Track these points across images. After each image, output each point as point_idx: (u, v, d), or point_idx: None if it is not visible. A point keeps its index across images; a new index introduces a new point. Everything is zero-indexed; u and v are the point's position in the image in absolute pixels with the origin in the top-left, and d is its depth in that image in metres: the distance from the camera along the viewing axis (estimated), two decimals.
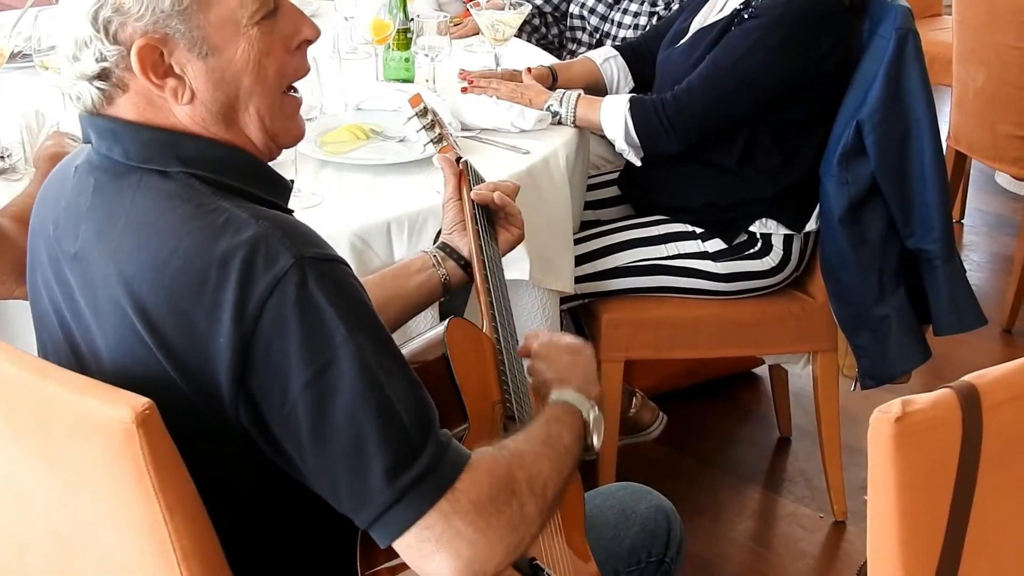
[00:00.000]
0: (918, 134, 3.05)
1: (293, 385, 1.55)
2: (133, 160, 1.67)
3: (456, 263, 2.29)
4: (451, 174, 2.36)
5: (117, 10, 1.63)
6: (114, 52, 1.64)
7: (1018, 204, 4.85)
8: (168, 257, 1.58)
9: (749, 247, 3.22)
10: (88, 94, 1.68)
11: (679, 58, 3.21)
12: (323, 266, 1.60)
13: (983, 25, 4.42)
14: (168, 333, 1.58)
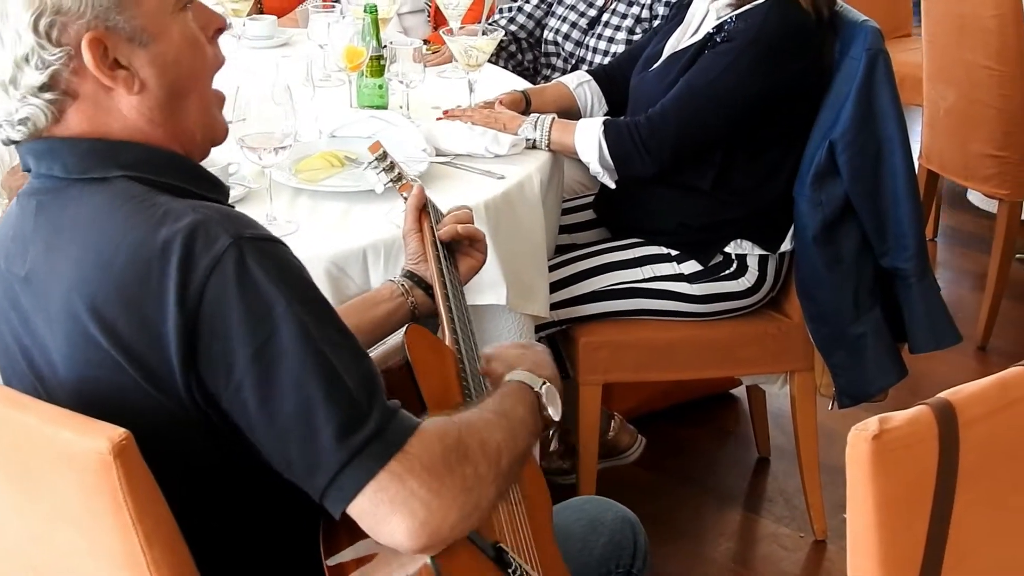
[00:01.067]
0: (890, 153, 3.06)
1: (238, 361, 1.58)
2: (73, 173, 1.70)
3: (424, 292, 2.32)
4: (412, 207, 2.39)
5: (57, 12, 1.65)
6: (60, 54, 1.66)
7: (990, 221, 4.86)
8: (113, 254, 1.61)
9: (725, 268, 3.23)
10: (39, 111, 1.69)
11: (652, 81, 3.22)
12: (261, 244, 1.63)
13: (952, 45, 4.45)
14: (121, 329, 1.60)
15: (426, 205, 2.39)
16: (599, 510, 2.32)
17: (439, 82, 3.66)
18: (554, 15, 3.97)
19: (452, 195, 2.88)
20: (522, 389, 1.87)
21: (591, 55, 3.82)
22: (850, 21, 3.12)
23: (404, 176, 2.49)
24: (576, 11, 3.91)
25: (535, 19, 4.05)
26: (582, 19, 3.89)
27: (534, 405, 1.86)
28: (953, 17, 4.42)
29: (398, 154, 3.00)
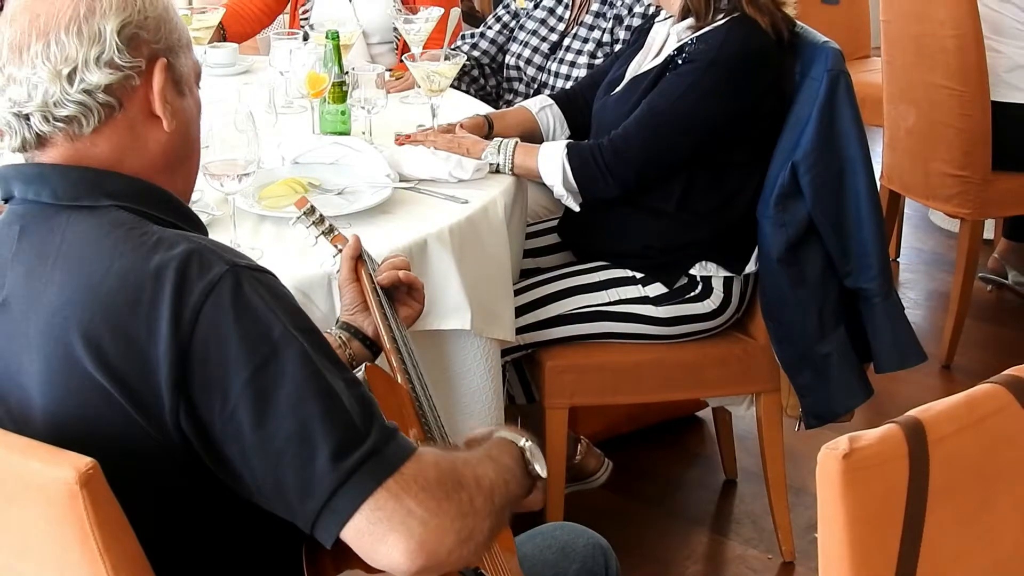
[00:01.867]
0: (853, 174, 3.08)
1: (234, 384, 1.58)
2: (62, 200, 1.71)
3: (361, 343, 2.32)
4: (347, 256, 2.39)
5: (142, 27, 1.72)
6: (134, 64, 1.72)
7: (953, 241, 4.89)
8: (102, 277, 1.62)
9: (690, 290, 3.23)
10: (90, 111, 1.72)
11: (615, 105, 3.23)
12: (256, 273, 1.65)
13: (912, 65, 4.48)
14: (107, 351, 1.59)
15: (362, 255, 2.40)
16: (570, 537, 2.32)
17: (402, 108, 3.66)
18: (516, 40, 3.98)
19: (416, 220, 2.89)
20: (507, 443, 1.87)
21: (553, 79, 3.83)
22: (810, 43, 3.13)
23: (334, 228, 2.49)
24: (538, 36, 3.92)
25: (497, 44, 4.06)
26: (544, 44, 3.90)
27: (519, 458, 1.85)
28: (912, 38, 4.45)
29: (361, 180, 3.02)
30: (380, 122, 3.42)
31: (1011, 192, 4.40)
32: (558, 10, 3.94)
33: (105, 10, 1.70)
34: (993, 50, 4.30)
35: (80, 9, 1.70)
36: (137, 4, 1.73)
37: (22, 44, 1.70)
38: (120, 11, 1.70)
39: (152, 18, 1.74)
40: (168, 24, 1.77)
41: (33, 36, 1.70)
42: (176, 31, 1.79)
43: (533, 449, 1.87)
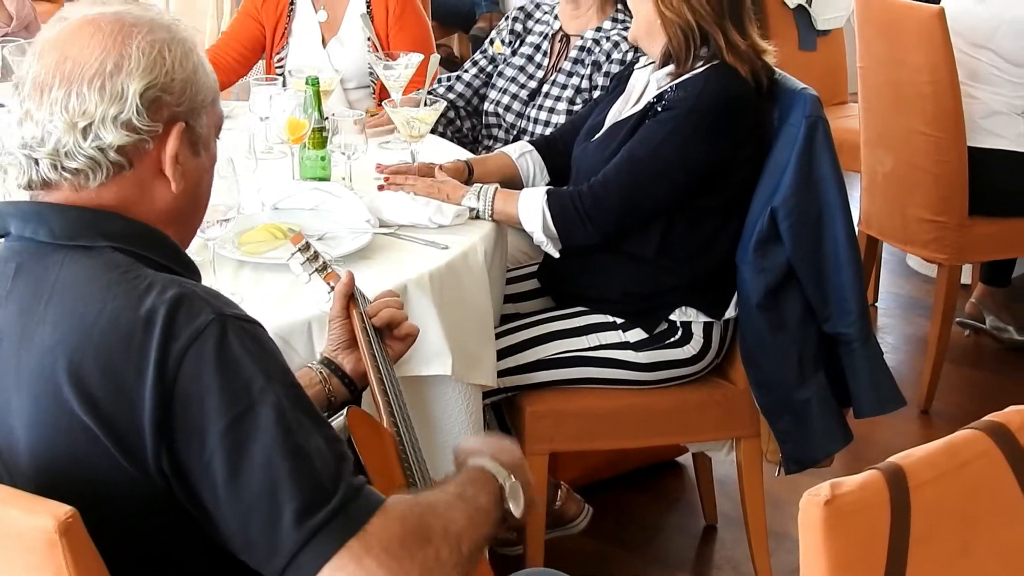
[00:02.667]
0: (831, 220, 3.09)
1: (211, 433, 1.59)
2: (59, 238, 1.72)
3: (340, 381, 2.33)
4: (339, 293, 2.39)
5: (166, 90, 1.72)
6: (151, 128, 1.72)
7: (930, 286, 4.90)
8: (95, 319, 1.63)
9: (670, 336, 3.23)
10: (99, 168, 1.72)
11: (595, 151, 3.24)
12: (243, 324, 1.67)
13: (889, 111, 4.50)
14: (96, 392, 1.60)
15: (354, 293, 2.40)
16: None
17: (381, 153, 3.66)
18: (494, 87, 3.99)
19: (396, 266, 2.89)
20: (487, 478, 1.87)
21: (532, 126, 3.84)
22: (789, 89, 3.15)
23: (328, 265, 2.49)
24: (516, 83, 3.93)
25: (473, 88, 4.07)
26: (523, 91, 3.91)
27: (497, 497, 1.86)
28: (890, 84, 4.48)
29: (341, 226, 3.02)
30: (360, 168, 3.42)
31: (988, 237, 4.42)
32: (536, 57, 3.95)
33: (132, 69, 1.70)
34: (969, 96, 4.33)
35: (108, 64, 1.70)
36: (166, 66, 1.73)
37: (45, 85, 1.71)
38: (147, 72, 1.71)
39: (179, 80, 1.74)
40: (194, 86, 1.77)
41: (57, 80, 1.70)
42: (201, 92, 1.79)
43: (514, 487, 1.88)
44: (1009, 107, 4.40)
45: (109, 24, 1.74)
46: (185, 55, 1.77)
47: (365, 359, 2.27)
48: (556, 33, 3.94)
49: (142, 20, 1.77)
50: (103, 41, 1.72)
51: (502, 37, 4.06)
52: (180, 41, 1.78)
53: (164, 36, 1.76)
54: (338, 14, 4.28)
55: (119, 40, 1.72)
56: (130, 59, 1.71)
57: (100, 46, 1.72)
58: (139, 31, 1.74)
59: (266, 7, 4.32)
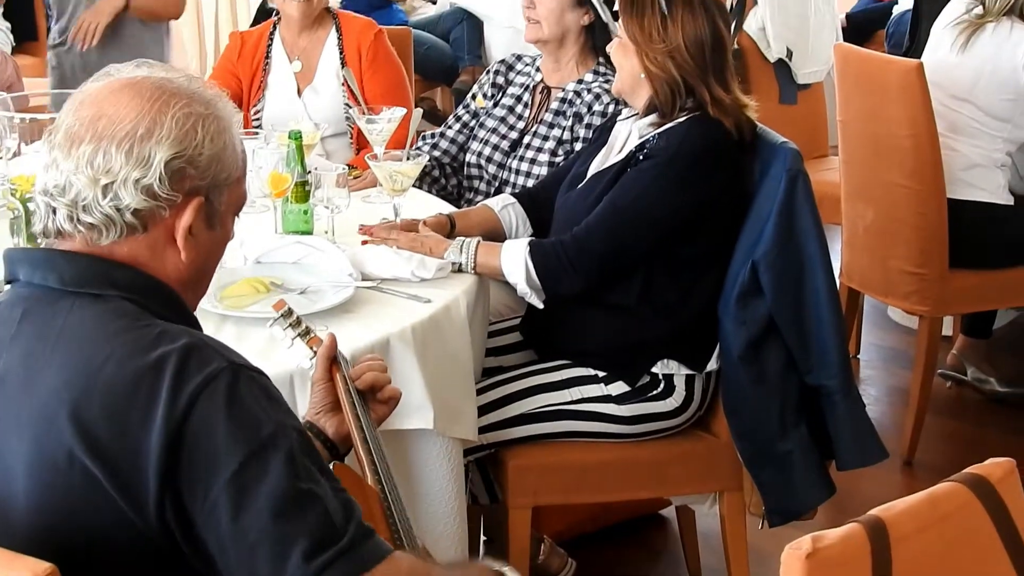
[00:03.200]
0: (812, 272, 3.10)
1: (219, 477, 1.60)
2: (68, 285, 1.73)
3: (323, 444, 2.32)
4: (322, 356, 2.39)
5: (192, 163, 1.74)
6: (170, 197, 1.74)
7: (912, 338, 4.92)
8: (102, 363, 1.64)
9: (652, 389, 3.23)
10: (114, 227, 1.75)
11: (577, 201, 3.26)
12: (253, 374, 1.69)
13: (869, 164, 4.53)
14: (100, 436, 1.61)
15: (336, 356, 2.40)
16: None
17: (364, 207, 3.66)
18: (476, 138, 4.01)
19: (379, 320, 2.88)
20: (487, 570, 1.88)
21: (514, 177, 3.85)
22: (769, 143, 3.17)
23: (311, 330, 2.49)
24: (497, 134, 3.95)
25: (457, 144, 4.08)
26: (504, 142, 3.93)
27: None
28: (869, 137, 4.51)
29: (324, 279, 3.02)
30: (342, 221, 3.43)
31: (969, 289, 4.44)
32: (518, 108, 3.97)
33: (163, 137, 1.72)
34: (949, 148, 4.35)
35: (139, 128, 1.72)
36: (196, 139, 1.75)
37: (75, 137, 1.73)
38: (177, 143, 1.73)
39: (206, 156, 1.76)
40: (220, 163, 1.79)
41: (88, 135, 1.72)
42: (227, 169, 1.81)
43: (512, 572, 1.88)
44: (988, 159, 4.43)
45: (150, 89, 1.77)
46: (218, 132, 1.79)
47: (348, 420, 2.27)
48: (537, 85, 3.96)
49: (183, 91, 1.79)
50: (141, 105, 1.75)
51: (484, 91, 4.09)
52: (216, 118, 1.80)
53: (200, 110, 1.78)
54: (312, 63, 4.34)
55: (156, 107, 1.75)
56: (162, 127, 1.73)
57: (137, 109, 1.74)
58: (178, 101, 1.77)
59: (242, 61, 4.36)
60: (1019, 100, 4.38)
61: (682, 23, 3.12)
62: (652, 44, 3.14)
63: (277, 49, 4.36)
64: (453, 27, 7.41)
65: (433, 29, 7.42)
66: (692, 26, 3.12)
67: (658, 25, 3.13)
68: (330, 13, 4.35)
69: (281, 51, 4.35)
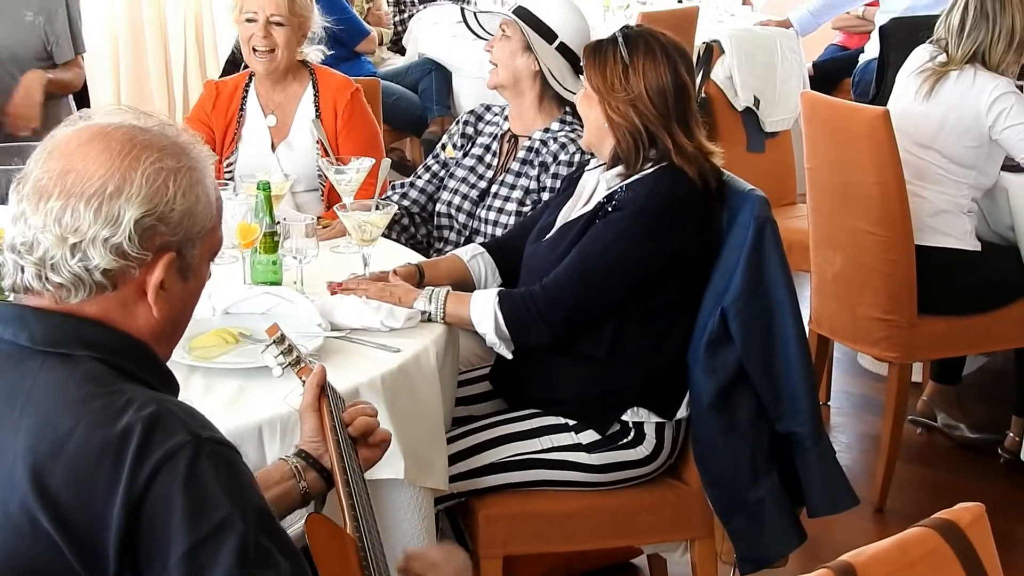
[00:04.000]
0: (781, 319, 3.11)
1: (172, 554, 1.58)
2: (39, 344, 1.71)
3: (318, 474, 2.29)
4: (312, 384, 2.38)
5: (162, 220, 1.71)
6: (140, 256, 1.72)
7: (881, 384, 4.93)
8: (70, 431, 1.62)
9: (622, 437, 3.23)
10: (82, 286, 1.72)
11: (546, 252, 3.26)
12: (216, 447, 1.66)
13: (837, 212, 4.55)
14: (63, 504, 1.59)
15: (325, 388, 2.38)
16: None
17: (333, 257, 3.66)
18: (446, 188, 4.02)
19: (348, 370, 2.88)
20: None
21: (483, 226, 3.86)
22: (737, 190, 3.18)
23: (303, 359, 2.48)
24: (467, 183, 3.96)
25: (427, 194, 4.09)
26: (473, 191, 3.94)
27: None
28: (837, 185, 4.53)
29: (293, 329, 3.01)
30: (311, 271, 3.42)
31: (938, 335, 4.45)
32: (486, 158, 3.98)
33: (132, 195, 1.69)
34: (916, 195, 4.38)
35: (109, 185, 1.69)
36: (167, 195, 1.72)
37: (44, 191, 1.70)
38: (147, 201, 1.70)
39: (178, 211, 1.73)
40: (192, 217, 1.76)
41: (56, 190, 1.69)
42: (200, 222, 1.77)
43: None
44: (955, 206, 4.46)
45: (120, 142, 1.73)
46: (191, 186, 1.76)
47: (332, 460, 2.24)
48: (505, 134, 3.98)
49: (155, 143, 1.76)
50: (111, 160, 1.71)
51: (453, 141, 4.10)
52: (189, 169, 1.77)
53: (172, 164, 1.75)
54: (287, 118, 4.30)
55: (126, 162, 1.72)
56: (132, 184, 1.70)
57: (106, 165, 1.71)
58: (149, 156, 1.73)
59: (216, 112, 4.33)
60: (983, 147, 4.42)
61: (643, 71, 3.14)
62: (614, 93, 3.16)
63: (252, 102, 4.32)
64: (422, 78, 7.42)
65: (402, 80, 7.44)
66: (654, 74, 3.14)
67: (620, 74, 3.15)
68: (307, 67, 4.32)
69: (256, 104, 4.31)
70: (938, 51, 4.51)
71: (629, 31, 3.24)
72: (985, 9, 4.41)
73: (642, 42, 3.18)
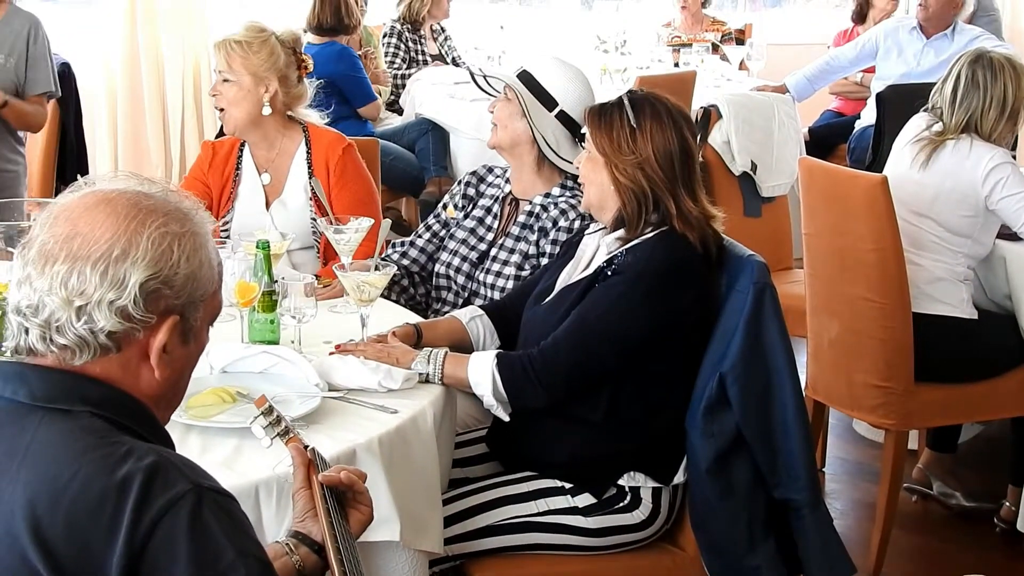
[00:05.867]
0: (780, 385, 3.11)
1: None
2: (39, 400, 1.73)
3: (309, 549, 2.29)
4: (300, 463, 2.37)
5: (167, 283, 1.74)
6: (145, 319, 1.74)
7: (877, 451, 4.91)
8: (68, 482, 1.63)
9: (619, 501, 3.22)
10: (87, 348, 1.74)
11: (544, 315, 3.26)
12: (218, 497, 1.67)
13: (834, 278, 4.55)
14: (61, 554, 1.61)
15: (313, 460, 2.38)
16: None
17: (331, 317, 3.66)
18: (446, 249, 4.02)
19: (345, 430, 2.87)
20: None
21: (482, 288, 3.86)
22: (736, 256, 3.19)
23: (291, 430, 2.47)
24: (467, 245, 3.96)
25: (427, 253, 4.09)
26: (472, 253, 3.94)
27: None
28: (834, 251, 4.54)
29: (290, 389, 3.01)
30: (309, 331, 3.42)
31: (934, 403, 4.45)
32: (487, 220, 3.99)
33: (138, 258, 1.72)
34: (913, 263, 4.38)
35: (115, 249, 1.71)
36: (172, 259, 1.75)
37: (49, 255, 1.72)
38: (152, 264, 1.72)
39: (182, 275, 1.76)
40: (196, 281, 1.79)
41: (62, 254, 1.72)
42: (203, 286, 1.81)
43: None
44: (951, 274, 4.47)
45: (126, 207, 1.76)
46: (195, 250, 1.79)
47: (323, 528, 2.24)
48: (507, 196, 3.98)
49: (159, 208, 1.79)
50: (116, 224, 1.74)
51: (455, 202, 4.10)
52: (193, 234, 1.80)
53: (176, 229, 1.78)
54: (281, 176, 4.30)
55: (132, 226, 1.74)
56: (138, 248, 1.73)
57: (112, 229, 1.74)
58: (154, 220, 1.76)
59: (213, 172, 4.33)
60: (979, 216, 4.43)
61: (651, 135, 3.16)
62: (622, 156, 3.17)
63: (247, 161, 4.33)
64: (419, 138, 7.43)
65: (399, 140, 7.45)
66: (661, 137, 3.16)
67: (627, 137, 3.17)
68: (300, 125, 4.33)
69: (251, 163, 4.32)
70: (934, 120, 4.54)
71: (634, 95, 3.26)
72: (976, 79, 4.45)
73: (648, 106, 3.20)
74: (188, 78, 7.92)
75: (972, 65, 4.48)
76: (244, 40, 4.15)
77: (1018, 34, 9.24)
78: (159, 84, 7.84)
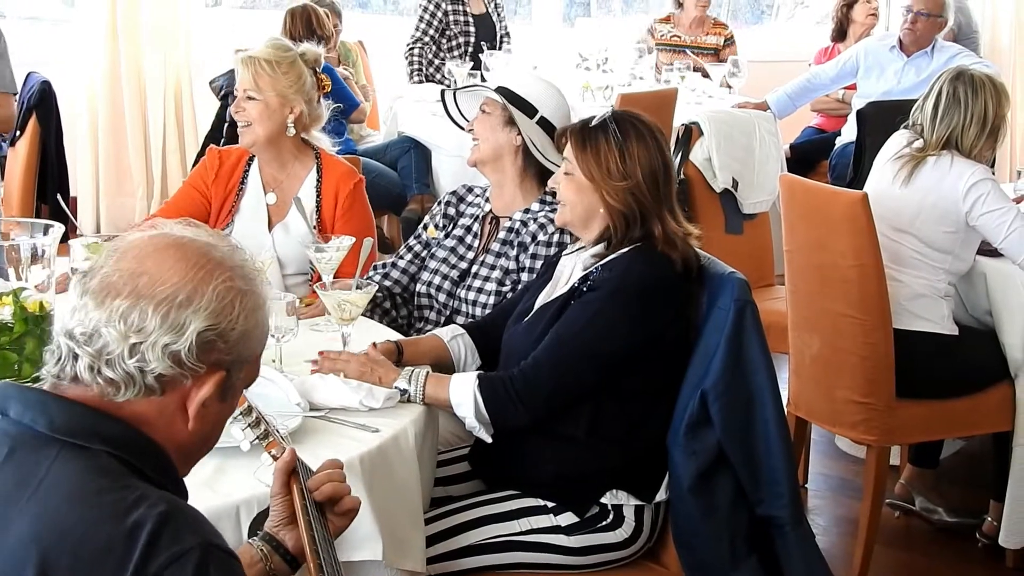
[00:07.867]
0: (761, 402, 3.12)
1: None
2: (57, 432, 1.72)
3: (282, 558, 2.30)
4: (280, 470, 2.36)
5: (222, 336, 1.75)
6: (195, 367, 1.75)
7: (859, 467, 4.92)
8: (76, 522, 1.62)
9: (601, 519, 3.22)
10: (132, 386, 1.75)
11: (523, 334, 3.26)
12: (223, 556, 1.67)
13: (815, 294, 4.56)
14: None
15: (296, 468, 2.37)
16: None
17: (312, 336, 3.65)
18: (427, 268, 4.02)
19: (327, 449, 2.86)
20: None
21: (463, 306, 3.86)
22: (716, 273, 3.20)
23: (272, 433, 2.46)
24: (448, 264, 3.96)
25: (409, 274, 4.08)
26: (453, 271, 3.94)
27: None
28: (815, 267, 4.55)
29: (272, 408, 2.99)
30: (290, 350, 3.41)
31: (916, 419, 4.45)
32: (467, 238, 3.99)
33: (201, 307, 1.73)
34: (894, 279, 4.39)
35: (180, 294, 1.72)
36: (232, 314, 1.76)
37: (112, 288, 1.73)
38: (213, 315, 1.74)
39: (239, 332, 1.77)
40: (249, 340, 1.80)
41: (127, 289, 1.72)
42: (253, 347, 1.82)
43: None
44: (932, 290, 4.48)
45: (196, 255, 1.78)
46: (253, 310, 1.81)
47: (303, 536, 2.24)
48: (487, 215, 3.98)
49: (227, 262, 1.81)
50: (185, 270, 1.76)
51: (436, 221, 4.10)
52: (254, 295, 1.82)
53: (241, 286, 1.80)
54: (287, 198, 4.24)
55: (200, 275, 1.76)
56: (203, 297, 1.74)
57: (181, 274, 1.75)
58: (222, 273, 1.78)
59: (217, 182, 4.28)
60: (959, 232, 4.45)
61: (638, 156, 3.16)
62: (611, 180, 3.17)
63: (254, 176, 4.29)
64: (400, 156, 7.43)
65: (381, 157, 7.44)
66: (646, 158, 3.17)
67: (616, 159, 3.17)
68: (314, 151, 4.29)
69: (257, 179, 4.28)
70: (915, 136, 4.56)
71: (617, 115, 3.26)
72: (958, 95, 4.47)
73: (630, 126, 3.21)
74: (170, 97, 7.91)
75: (953, 82, 4.50)
76: (273, 60, 4.13)
77: (998, 52, 9.28)
78: (140, 103, 7.84)
